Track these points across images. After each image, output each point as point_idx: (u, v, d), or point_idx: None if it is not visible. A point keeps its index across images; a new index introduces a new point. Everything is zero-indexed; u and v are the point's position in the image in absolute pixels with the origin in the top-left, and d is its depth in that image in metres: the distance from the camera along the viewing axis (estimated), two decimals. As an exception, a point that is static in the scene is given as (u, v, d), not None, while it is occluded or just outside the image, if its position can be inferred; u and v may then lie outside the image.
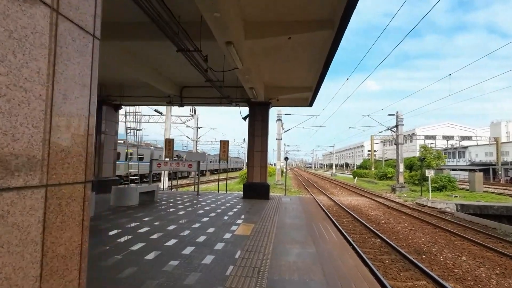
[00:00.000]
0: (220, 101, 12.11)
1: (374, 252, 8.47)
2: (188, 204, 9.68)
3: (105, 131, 12.82)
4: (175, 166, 13.08)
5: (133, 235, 5.39)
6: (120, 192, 8.79)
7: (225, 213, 8.10)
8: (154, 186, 10.34)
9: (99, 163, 12.59)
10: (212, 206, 9.36)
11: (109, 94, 12.59)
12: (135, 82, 12.35)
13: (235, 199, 11.15)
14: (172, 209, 8.43)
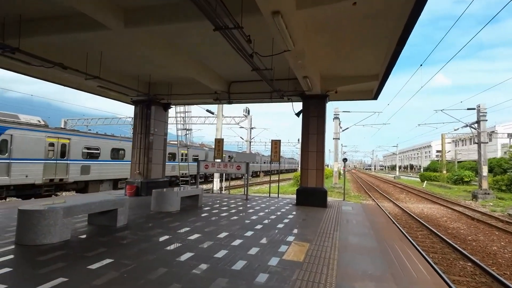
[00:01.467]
0: (271, 95, 10.91)
1: (468, 283, 6.38)
2: (234, 211, 8.62)
3: (154, 132, 12.56)
4: (222, 167, 12.25)
5: (156, 255, 4.41)
6: (161, 196, 8.11)
7: (274, 225, 6.81)
8: (198, 190, 9.54)
9: (148, 164, 12.35)
10: (260, 214, 8.16)
11: (157, 93, 12.29)
12: (182, 79, 11.82)
13: (287, 206, 9.79)
14: (214, 218, 7.43)
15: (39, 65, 8.13)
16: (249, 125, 43.26)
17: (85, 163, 17.09)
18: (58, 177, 15.43)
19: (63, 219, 4.88)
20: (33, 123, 14.72)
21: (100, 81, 9.73)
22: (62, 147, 15.81)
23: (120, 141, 20.09)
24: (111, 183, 19.40)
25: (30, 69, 9.18)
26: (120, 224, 6.17)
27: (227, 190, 19.48)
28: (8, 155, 12.99)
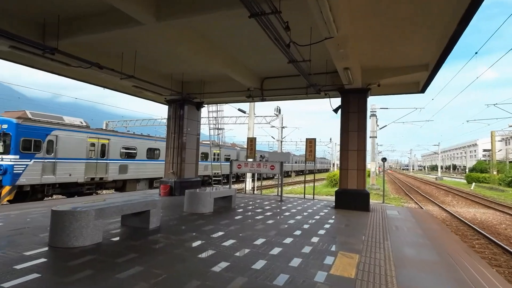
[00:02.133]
0: (306, 91, 10.31)
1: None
2: (269, 214, 8.14)
3: (187, 131, 12.48)
4: (256, 167, 11.83)
5: (189, 264, 4.04)
6: (193, 197, 7.85)
7: (314, 231, 6.22)
8: (232, 191, 9.18)
9: (181, 163, 12.29)
10: (297, 218, 7.59)
11: (190, 92, 12.18)
12: (214, 77, 11.59)
13: (325, 210, 9.11)
14: (249, 221, 7.00)
15: (77, 66, 8.24)
16: (280, 124, 42.57)
17: (123, 163, 17.59)
18: (98, 176, 16.00)
19: (94, 221, 4.71)
20: (76, 124, 15.37)
21: (134, 81, 9.74)
22: (102, 147, 16.37)
23: (155, 141, 20.49)
24: (147, 182, 19.84)
25: (69, 70, 9.40)
26: (152, 226, 5.95)
27: (259, 190, 19.09)
28: (54, 154, 13.63)
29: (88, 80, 10.61)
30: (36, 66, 8.85)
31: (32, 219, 6.59)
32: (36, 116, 13.58)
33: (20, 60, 8.39)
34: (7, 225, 5.93)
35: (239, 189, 22.85)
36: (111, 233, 5.48)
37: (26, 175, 12.46)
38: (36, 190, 13.13)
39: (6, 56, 8.00)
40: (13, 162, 12.07)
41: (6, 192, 11.93)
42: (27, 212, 7.50)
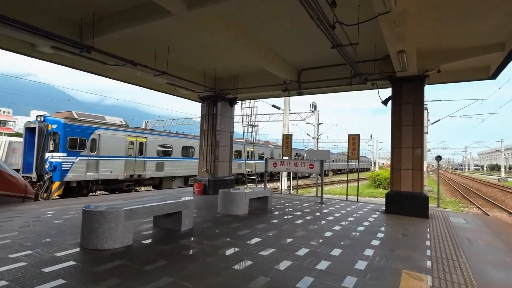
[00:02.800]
0: (350, 81, 9.35)
1: None
2: (309, 218, 7.39)
3: (220, 128, 12.10)
4: (293, 166, 11.08)
5: (223, 277, 3.49)
6: (228, 197, 7.35)
7: (366, 240, 5.37)
8: (268, 191, 8.56)
9: (215, 161, 11.94)
10: (343, 224, 6.76)
11: (223, 88, 11.77)
12: (248, 71, 11.06)
13: (374, 214, 8.12)
14: (287, 226, 6.31)
15: (113, 64, 8.17)
16: (316, 121, 41.10)
17: (160, 161, 17.83)
18: (137, 173, 16.33)
19: (124, 222, 4.35)
20: (116, 123, 15.81)
21: (168, 77, 9.53)
22: (140, 145, 16.69)
23: (190, 139, 20.59)
24: (182, 180, 19.99)
25: (108, 70, 9.44)
26: (184, 228, 5.52)
27: (295, 189, 18.30)
28: (96, 152, 14.09)
29: (126, 80, 10.64)
30: (78, 67, 8.98)
31: (72, 216, 6.54)
32: (81, 116, 14.13)
33: (63, 62, 8.54)
34: (48, 220, 5.89)
35: (274, 188, 22.22)
36: (142, 234, 5.13)
37: (72, 171, 12.98)
38: (81, 186, 13.66)
39: (50, 58, 8.18)
40: (62, 159, 12.61)
41: (56, 187, 12.51)
42: (70, 208, 7.54)
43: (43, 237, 4.85)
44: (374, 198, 17.93)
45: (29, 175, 12.65)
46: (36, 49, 7.65)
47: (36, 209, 7.17)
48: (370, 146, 77.25)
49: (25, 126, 13.29)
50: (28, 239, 4.72)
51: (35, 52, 7.72)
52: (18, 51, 7.53)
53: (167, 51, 8.69)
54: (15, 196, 7.96)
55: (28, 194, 8.29)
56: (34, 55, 7.76)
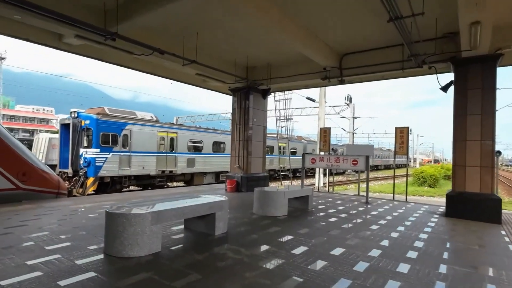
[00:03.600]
0: (402, 65, 8.28)
1: None
2: (358, 221, 6.50)
3: (253, 122, 11.43)
4: (334, 162, 10.14)
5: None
6: (264, 197, 6.65)
7: (435, 253, 4.42)
8: (308, 190, 7.74)
9: (247, 157, 11.30)
10: (400, 230, 5.79)
11: (255, 78, 11.06)
12: (283, 58, 10.24)
13: (433, 218, 7.02)
14: (335, 232, 5.49)
15: (140, 54, 7.77)
16: (352, 114, 39.21)
17: (191, 156, 17.60)
18: (168, 169, 16.21)
19: (151, 227, 3.80)
20: (147, 118, 15.74)
21: (197, 67, 9.00)
22: (171, 140, 16.54)
23: (220, 134, 20.20)
24: (214, 176, 19.70)
25: (135, 61, 9.13)
26: (219, 232, 4.91)
27: (331, 186, 17.21)
28: (128, 148, 14.07)
29: (154, 72, 10.27)
30: (105, 59, 8.71)
31: (100, 214, 6.21)
32: (113, 111, 14.16)
33: (90, 54, 8.32)
34: (77, 220, 5.58)
35: (308, 184, 21.24)
36: (172, 239, 4.59)
37: (106, 167, 13.03)
38: (115, 181, 13.72)
39: (78, 50, 7.97)
40: (95, 155, 12.68)
41: (90, 183, 12.63)
42: (101, 204, 7.29)
43: (68, 239, 4.46)
44: (420, 196, 16.40)
45: (65, 170, 12.88)
46: (63, 41, 7.45)
47: (66, 206, 6.97)
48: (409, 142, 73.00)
49: (60, 123, 13.55)
50: (51, 241, 4.35)
51: (62, 44, 7.54)
52: (45, 43, 7.34)
53: (196, 38, 8.13)
54: (48, 192, 7.88)
55: (61, 190, 8.20)
56: (62, 47, 7.58)
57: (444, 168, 29.92)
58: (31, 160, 7.60)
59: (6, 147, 7.24)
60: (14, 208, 6.50)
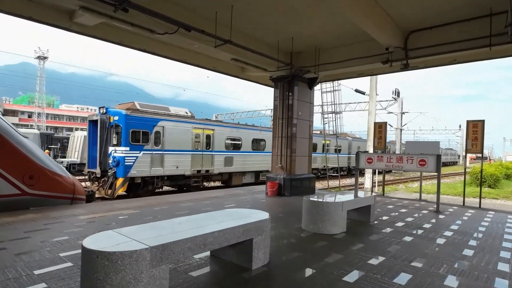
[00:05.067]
0: (490, 40, 6.31)
1: None
2: (441, 242, 4.63)
3: (298, 116, 9.84)
4: (396, 162, 8.20)
5: None
6: (317, 209, 5.06)
7: None
8: (370, 199, 5.99)
9: (291, 156, 9.75)
10: (503, 255, 3.87)
11: (301, 65, 9.43)
12: (335, 39, 8.53)
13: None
14: (420, 264, 3.71)
15: (163, 33, 6.60)
16: (400, 110, 35.79)
17: (228, 155, 16.48)
18: (204, 168, 15.24)
19: (151, 270, 2.44)
20: (181, 114, 14.88)
21: (232, 50, 7.66)
22: (207, 138, 15.54)
23: (260, 131, 18.84)
24: (253, 175, 18.43)
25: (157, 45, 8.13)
26: (257, 265, 3.46)
27: (379, 186, 14.94)
28: (161, 146, 13.28)
29: (183, 58, 9.11)
30: (125, 42, 7.72)
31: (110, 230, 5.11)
32: (144, 107, 13.44)
33: (108, 37, 7.37)
34: (72, 241, 4.52)
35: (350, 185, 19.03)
36: (190, 277, 3.21)
37: (136, 167, 12.32)
38: (146, 182, 13.00)
39: (92, 32, 7.02)
40: (124, 154, 12.00)
41: (120, 184, 11.99)
42: (113, 217, 6.27)
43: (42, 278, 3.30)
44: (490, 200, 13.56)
45: (93, 170, 12.38)
46: (74, 21, 6.48)
47: (74, 217, 5.88)
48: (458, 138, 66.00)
49: (89, 119, 13.03)
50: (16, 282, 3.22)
51: (74, 25, 6.58)
52: (54, 23, 6.39)
53: (231, 13, 6.75)
54: (61, 197, 6.95)
55: (77, 194, 7.24)
56: (74, 29, 6.60)
57: (504, 167, 25.80)
58: (39, 161, 6.66)
59: (9, 146, 6.34)
60: (6, 220, 5.37)
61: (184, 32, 6.49)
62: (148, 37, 7.85)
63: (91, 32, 6.89)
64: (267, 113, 38.76)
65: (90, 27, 6.72)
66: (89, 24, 6.66)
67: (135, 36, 7.61)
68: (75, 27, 6.55)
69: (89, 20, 6.34)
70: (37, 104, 53.66)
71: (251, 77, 11.26)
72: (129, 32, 7.34)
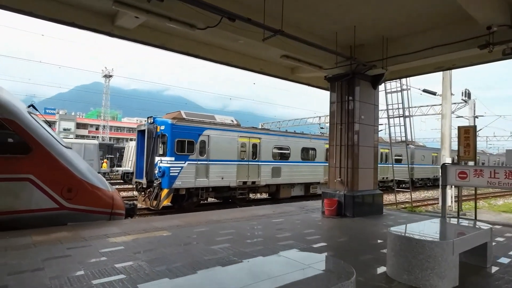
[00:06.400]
0: None
1: None
2: None
3: (360, 120, 8.25)
4: (504, 178, 6.13)
5: None
6: (412, 249, 3.47)
7: None
8: (485, 233, 4.20)
9: (353, 168, 8.14)
10: None
11: (363, 61, 7.85)
12: (408, 24, 6.87)
13: None
14: None
15: (204, 28, 5.67)
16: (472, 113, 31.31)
17: (276, 165, 15.23)
18: (250, 180, 14.17)
19: None
20: (226, 123, 14.10)
21: (284, 44, 6.49)
22: (253, 147, 14.50)
23: (310, 139, 17.30)
24: (303, 187, 16.90)
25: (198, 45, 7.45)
26: None
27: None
28: (206, 156, 12.55)
29: (229, 61, 8.25)
30: (168, 46, 7.20)
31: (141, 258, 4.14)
32: (189, 115, 12.90)
33: (150, 40, 6.96)
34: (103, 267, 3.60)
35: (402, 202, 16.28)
36: None
37: (181, 177, 11.69)
38: (191, 193, 12.31)
39: (133, 35, 6.63)
40: (169, 164, 11.46)
41: (164, 195, 11.44)
42: (146, 240, 5.36)
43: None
44: None
45: (140, 180, 12.03)
46: (116, 24, 6.04)
47: (103, 239, 5.07)
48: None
49: (137, 129, 12.89)
50: None
51: (116, 29, 6.27)
52: (96, 29, 6.16)
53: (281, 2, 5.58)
54: (99, 212, 6.31)
55: (116, 209, 6.56)
56: (116, 33, 6.30)
57: None
58: (78, 173, 6.13)
59: (49, 157, 5.91)
60: (31, 241, 4.82)
61: (228, 23, 5.48)
62: (189, 39, 7.38)
63: (132, 35, 6.52)
64: (315, 120, 36.90)
65: (131, 30, 6.36)
66: (130, 27, 6.27)
67: (177, 39, 7.22)
68: (116, 31, 6.24)
69: (129, 21, 5.95)
70: (103, 117, 58.91)
71: (302, 78, 9.98)
72: (170, 35, 6.98)
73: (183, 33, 7.00)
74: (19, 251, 4.34)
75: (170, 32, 6.99)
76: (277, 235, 5.78)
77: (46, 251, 4.37)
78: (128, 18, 5.75)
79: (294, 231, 6.14)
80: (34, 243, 4.71)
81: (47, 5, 5.58)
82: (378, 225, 7.18)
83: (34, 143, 5.82)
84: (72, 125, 60.54)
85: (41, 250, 4.42)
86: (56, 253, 4.30)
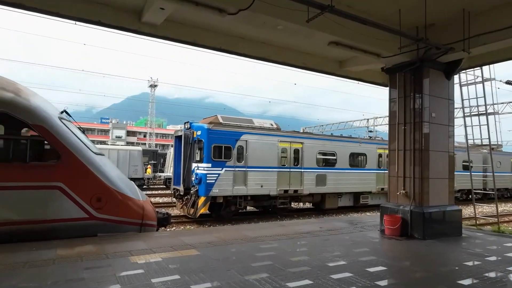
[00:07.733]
0: None
1: None
2: None
3: (431, 119, 6.67)
4: None
5: None
6: None
7: None
8: None
9: (421, 179, 6.56)
10: None
11: (433, 44, 6.28)
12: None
13: None
14: None
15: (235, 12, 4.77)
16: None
17: (321, 172, 13.83)
18: (292, 188, 12.96)
19: None
20: (266, 127, 13.12)
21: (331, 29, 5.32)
22: (295, 153, 13.30)
23: (359, 143, 15.57)
24: (351, 197, 15.21)
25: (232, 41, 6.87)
26: None
27: None
28: (244, 162, 11.68)
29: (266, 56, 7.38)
30: (199, 42, 6.74)
31: None
32: (226, 120, 12.18)
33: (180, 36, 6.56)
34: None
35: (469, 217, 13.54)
36: None
37: (218, 185, 10.95)
38: (229, 202, 11.49)
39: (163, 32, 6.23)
40: (206, 170, 10.77)
41: (201, 203, 10.77)
42: (175, 257, 4.50)
43: None
44: None
45: (177, 187, 11.54)
46: (142, 21, 5.66)
47: (123, 258, 4.35)
48: None
49: (174, 135, 12.51)
50: None
51: (143, 26, 5.77)
52: (122, 26, 5.75)
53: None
54: (129, 223, 5.76)
55: (147, 219, 5.97)
56: (143, 30, 5.82)
57: None
58: (108, 181, 5.71)
59: (79, 164, 5.51)
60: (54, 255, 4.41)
61: (264, 1, 4.50)
62: (221, 33, 6.58)
63: (161, 32, 6.00)
64: (362, 123, 34.37)
65: (159, 27, 5.81)
66: (157, 22, 5.79)
67: (207, 34, 6.51)
68: (144, 28, 5.79)
69: (156, 15, 5.42)
70: (149, 125, 62.32)
71: (352, 73, 8.63)
72: (201, 29, 6.37)
73: (214, 26, 6.33)
74: (35, 268, 3.95)
75: (200, 26, 6.32)
76: (328, 262, 4.56)
77: (61, 269, 3.93)
78: (154, 11, 5.25)
79: (349, 257, 4.86)
80: (54, 259, 4.30)
81: (73, 5, 5.31)
82: (461, 253, 5.56)
83: (63, 150, 5.51)
84: (123, 133, 64.74)
85: (57, 268, 3.96)
86: (70, 275, 3.79)
